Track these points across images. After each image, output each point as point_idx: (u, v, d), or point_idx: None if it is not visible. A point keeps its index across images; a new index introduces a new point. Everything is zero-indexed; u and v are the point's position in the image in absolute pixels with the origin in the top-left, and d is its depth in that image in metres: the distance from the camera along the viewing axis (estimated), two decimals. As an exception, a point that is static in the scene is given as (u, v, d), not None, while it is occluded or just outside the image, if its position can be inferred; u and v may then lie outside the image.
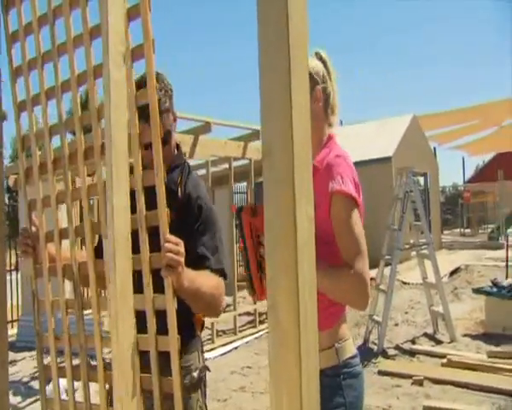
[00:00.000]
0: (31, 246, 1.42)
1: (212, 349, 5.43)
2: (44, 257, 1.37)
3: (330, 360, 1.33)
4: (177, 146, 1.65)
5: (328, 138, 1.47)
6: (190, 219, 1.51)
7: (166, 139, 1.51)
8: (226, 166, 6.38)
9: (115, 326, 1.10)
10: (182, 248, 1.20)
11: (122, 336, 1.09)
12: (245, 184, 10.06)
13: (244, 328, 6.37)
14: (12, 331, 6.27)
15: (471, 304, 6.62)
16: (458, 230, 18.85)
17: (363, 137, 12.33)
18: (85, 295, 3.20)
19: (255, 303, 6.11)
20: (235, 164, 6.21)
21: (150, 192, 1.19)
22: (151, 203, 1.18)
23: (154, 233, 1.19)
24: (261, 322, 6.40)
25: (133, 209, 1.18)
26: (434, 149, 15.77)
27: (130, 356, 1.11)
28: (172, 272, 1.18)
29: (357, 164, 1.51)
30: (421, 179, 13.29)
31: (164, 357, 1.17)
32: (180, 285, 1.23)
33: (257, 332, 6.18)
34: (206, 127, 5.38)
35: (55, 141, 1.35)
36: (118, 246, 1.11)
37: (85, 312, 1.30)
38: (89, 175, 1.38)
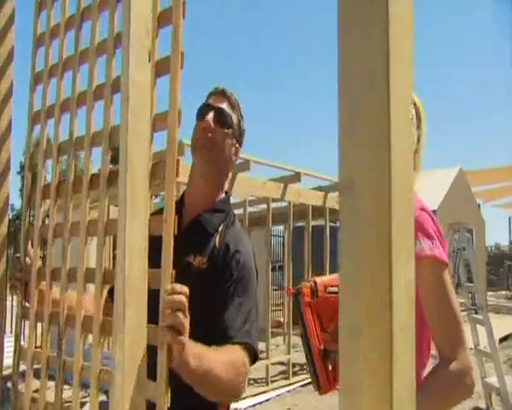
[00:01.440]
0: (21, 280, 1.18)
1: (241, 398, 5.04)
2: (33, 298, 1.12)
3: None
4: (226, 192, 1.40)
5: None
6: (222, 274, 1.22)
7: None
8: (264, 206, 6.18)
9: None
10: (186, 304, 0.88)
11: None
12: (281, 227, 9.84)
13: (276, 378, 5.99)
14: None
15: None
16: (503, 292, 17.83)
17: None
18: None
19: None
20: (273, 206, 6.00)
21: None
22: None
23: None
24: (294, 373, 6.04)
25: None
26: (479, 205, 15.22)
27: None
28: (175, 337, 0.85)
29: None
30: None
31: None
32: (184, 362, 0.92)
33: (289, 384, 5.80)
34: (244, 165, 5.21)
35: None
36: (130, 300, 0.85)
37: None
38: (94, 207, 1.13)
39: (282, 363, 6.33)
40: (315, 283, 1.27)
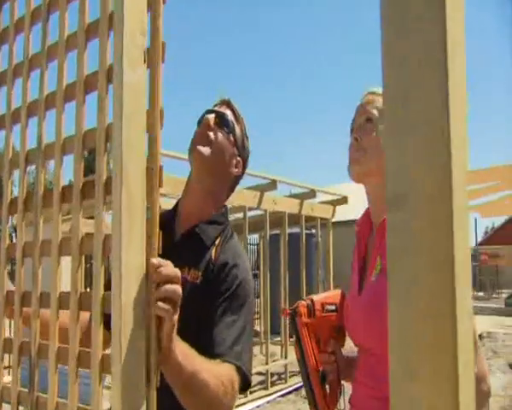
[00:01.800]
0: None
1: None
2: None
3: None
4: (225, 207, 1.31)
5: None
6: (217, 289, 1.12)
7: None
8: (239, 215, 6.08)
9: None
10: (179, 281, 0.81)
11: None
12: (256, 235, 9.74)
13: (255, 389, 5.86)
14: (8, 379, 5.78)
15: (504, 378, 6.04)
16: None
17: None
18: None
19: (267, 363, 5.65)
20: (248, 214, 5.91)
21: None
22: None
23: None
24: (273, 384, 5.94)
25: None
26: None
27: None
28: (169, 310, 0.78)
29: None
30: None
31: None
32: (171, 353, 0.82)
33: (268, 395, 5.70)
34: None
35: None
36: (127, 325, 0.74)
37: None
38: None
39: (260, 373, 6.23)
40: (312, 301, 1.21)
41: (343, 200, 6.91)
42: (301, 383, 6.09)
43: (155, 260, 0.79)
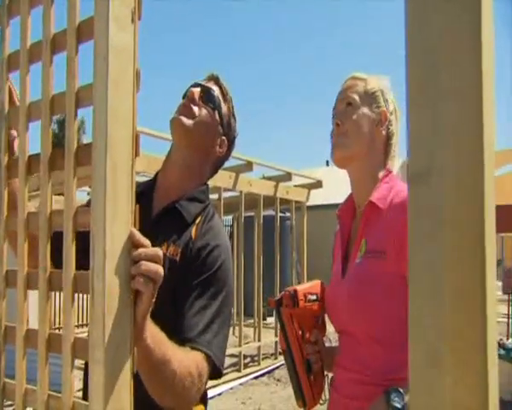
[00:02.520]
0: None
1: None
2: None
3: None
4: (206, 185, 1.26)
5: (387, 172, 1.18)
6: (194, 269, 1.06)
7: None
8: (214, 196, 6.01)
9: None
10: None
11: None
12: (230, 217, 9.69)
13: (228, 371, 5.85)
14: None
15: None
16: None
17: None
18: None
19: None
20: (223, 196, 5.85)
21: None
22: None
23: None
24: (245, 366, 5.94)
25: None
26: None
27: None
28: (147, 286, 0.73)
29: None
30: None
31: None
32: (142, 335, 0.78)
33: (241, 377, 5.69)
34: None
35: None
36: (111, 309, 0.67)
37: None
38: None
39: (232, 355, 6.23)
40: (295, 291, 1.20)
41: (318, 184, 6.93)
42: (274, 366, 6.16)
43: (136, 234, 0.73)
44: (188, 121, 1.16)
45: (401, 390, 0.96)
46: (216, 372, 1.03)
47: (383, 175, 1.17)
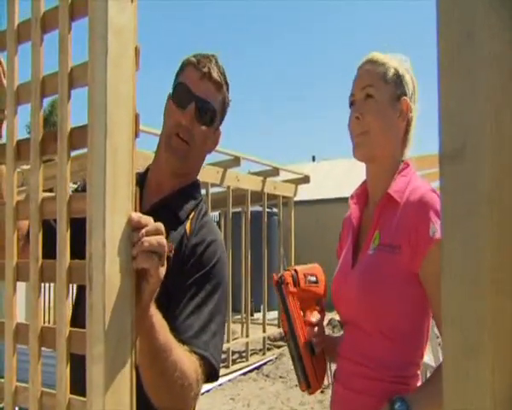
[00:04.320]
0: None
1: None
2: None
3: None
4: (197, 181, 1.21)
5: (405, 165, 1.15)
6: (189, 266, 1.03)
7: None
8: (202, 192, 5.96)
9: None
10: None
11: None
12: (216, 213, 9.62)
13: (215, 368, 5.83)
14: None
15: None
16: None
17: (337, 174, 12.27)
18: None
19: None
20: (211, 191, 5.79)
21: None
22: None
23: None
24: (234, 362, 5.92)
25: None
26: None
27: None
28: (153, 262, 0.70)
29: (329, 202, 1.29)
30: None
31: None
32: (147, 311, 0.75)
33: (230, 373, 5.66)
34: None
35: None
36: (111, 301, 0.64)
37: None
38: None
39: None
40: (295, 271, 1.18)
41: (305, 179, 6.92)
42: (262, 362, 6.14)
43: (135, 216, 0.69)
44: (183, 149, 1.10)
45: (406, 399, 0.95)
46: (213, 375, 1.00)
47: (401, 168, 1.14)
